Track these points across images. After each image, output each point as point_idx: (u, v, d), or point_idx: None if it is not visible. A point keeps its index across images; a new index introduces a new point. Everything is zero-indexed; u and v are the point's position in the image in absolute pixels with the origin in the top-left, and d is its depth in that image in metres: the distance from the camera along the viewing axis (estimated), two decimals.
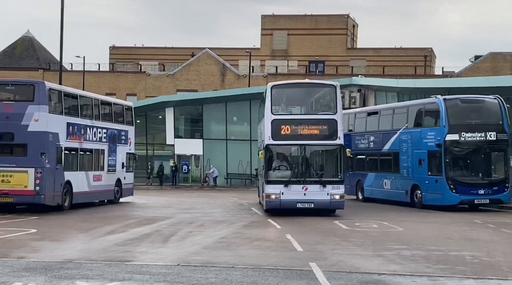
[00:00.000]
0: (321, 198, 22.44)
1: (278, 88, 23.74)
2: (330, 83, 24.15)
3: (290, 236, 17.16)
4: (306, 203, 22.63)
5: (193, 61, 64.79)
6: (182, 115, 50.59)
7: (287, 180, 22.69)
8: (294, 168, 23.06)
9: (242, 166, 48.18)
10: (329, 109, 23.38)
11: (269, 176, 22.92)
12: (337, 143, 22.68)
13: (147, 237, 16.99)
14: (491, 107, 26.77)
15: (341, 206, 22.87)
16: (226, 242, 15.96)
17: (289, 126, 22.97)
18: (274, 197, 22.61)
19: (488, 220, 22.39)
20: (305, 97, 24.86)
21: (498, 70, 59.81)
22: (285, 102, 24.31)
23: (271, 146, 22.97)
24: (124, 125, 31.06)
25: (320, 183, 22.53)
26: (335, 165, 22.99)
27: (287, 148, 23.56)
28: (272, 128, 22.81)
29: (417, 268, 12.43)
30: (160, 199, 33.40)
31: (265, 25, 75.25)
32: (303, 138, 22.81)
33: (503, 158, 26.71)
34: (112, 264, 12.41)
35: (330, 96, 23.44)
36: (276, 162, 23.36)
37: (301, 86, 25.47)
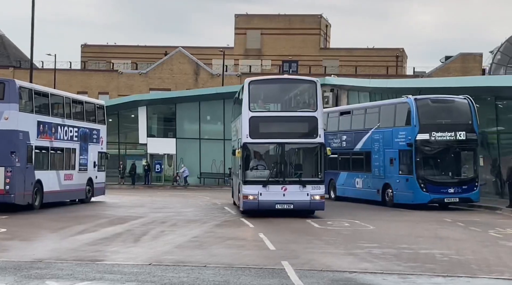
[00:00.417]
0: (301, 199, 21.76)
1: (256, 83, 23.00)
2: (310, 79, 23.42)
3: (262, 235, 17.17)
4: (285, 204, 21.88)
5: (166, 59, 64.55)
6: (155, 114, 50.34)
7: (265, 180, 21.92)
8: (273, 168, 22.24)
9: (216, 165, 48.11)
10: (309, 106, 22.69)
11: (246, 176, 22.13)
12: (318, 142, 22.01)
13: (119, 236, 16.90)
14: (461, 107, 27.04)
15: (321, 207, 22.18)
16: (198, 241, 15.93)
17: (268, 123, 22.32)
18: (252, 198, 21.86)
19: (457, 218, 22.60)
20: (284, 93, 24.11)
21: (468, 70, 60.51)
22: (263, 99, 23.46)
23: (248, 145, 22.13)
24: (95, 124, 30.84)
25: (300, 183, 21.83)
26: (315, 165, 22.32)
27: (266, 147, 23.07)
28: (250, 126, 22.04)
29: (387, 266, 12.52)
30: (132, 198, 33.24)
31: (239, 25, 75.27)
32: (282, 136, 22.14)
33: (472, 157, 26.98)
34: (83, 264, 12.32)
35: (310, 93, 22.83)
36: (254, 161, 22.63)
37: (280, 82, 24.86)
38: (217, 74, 62.43)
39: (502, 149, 31.69)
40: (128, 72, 65.33)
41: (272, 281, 10.77)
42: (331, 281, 10.85)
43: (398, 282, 11.02)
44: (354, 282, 10.90)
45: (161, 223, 20.29)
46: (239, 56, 72.73)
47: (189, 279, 10.84)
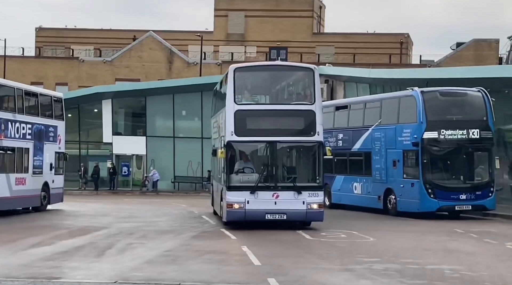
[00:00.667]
0: (296, 208, 21.04)
1: (242, 71, 22.33)
2: (306, 66, 22.85)
3: (246, 248, 17.20)
4: (277, 214, 21.16)
5: (134, 45, 64.42)
6: (122, 108, 50.24)
7: (253, 185, 21.18)
8: (263, 171, 21.55)
9: (192, 167, 48.09)
10: (305, 98, 22.02)
11: (231, 180, 21.42)
12: (316, 140, 21.38)
13: (79, 250, 16.85)
14: (474, 101, 27.17)
15: (320, 217, 21.45)
16: (172, 256, 15.93)
17: (256, 118, 21.73)
18: (238, 206, 21.05)
19: (470, 229, 22.71)
20: (276, 82, 23.41)
21: (482, 59, 60.87)
22: (251, 89, 22.88)
23: (233, 144, 21.47)
24: (52, 120, 30.73)
25: (294, 189, 21.14)
26: (313, 167, 21.77)
27: (254, 146, 22.48)
28: (236, 121, 21.31)
29: (390, 284, 12.57)
30: (95, 206, 33.15)
31: (219, 5, 75.21)
32: (274, 133, 21.48)
33: (487, 159, 27.12)
34: (37, 282, 12.29)
35: (307, 82, 22.15)
36: (240, 163, 22.01)
37: (271, 69, 24.02)
38: (194, 62, 62.40)
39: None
40: (90, 60, 65.13)
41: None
42: None
43: None
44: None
45: (128, 235, 20.23)
46: (219, 42, 72.69)
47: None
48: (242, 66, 23.27)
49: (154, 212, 29.59)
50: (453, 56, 63.66)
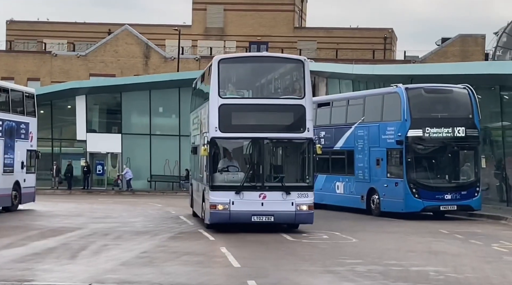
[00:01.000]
0: (284, 210, 20.43)
1: (227, 62, 21.63)
2: (296, 58, 22.30)
3: (225, 249, 17.21)
4: (264, 216, 20.48)
5: (110, 40, 64.10)
6: (96, 104, 49.99)
7: (239, 185, 20.58)
8: (249, 170, 20.95)
9: (169, 166, 47.96)
10: (294, 92, 21.44)
11: (214, 179, 20.72)
12: (305, 137, 20.79)
13: (52, 251, 16.79)
14: (460, 98, 27.33)
15: (310, 220, 20.93)
16: (148, 257, 15.91)
17: (242, 113, 21.11)
18: (222, 207, 20.37)
19: (455, 229, 22.85)
20: (263, 75, 22.68)
21: (468, 55, 61.16)
22: (236, 82, 22.21)
23: (218, 140, 20.77)
24: (24, 116, 30.55)
25: (283, 190, 20.55)
26: (303, 166, 21.32)
27: (240, 143, 21.81)
28: (220, 116, 20.63)
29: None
30: (69, 206, 32.99)
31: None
32: (261, 129, 20.85)
33: (473, 158, 27.28)
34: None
35: (297, 75, 21.61)
36: (224, 161, 21.31)
37: (258, 61, 23.38)
38: (172, 57, 62.21)
39: (508, 148, 32.10)
40: (63, 54, 64.72)
41: None
42: None
43: None
44: None
45: (103, 236, 20.18)
46: (197, 36, 72.53)
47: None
48: (227, 57, 22.60)
49: (130, 212, 29.51)
50: (438, 51, 63.88)
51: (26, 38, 71.20)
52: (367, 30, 73.38)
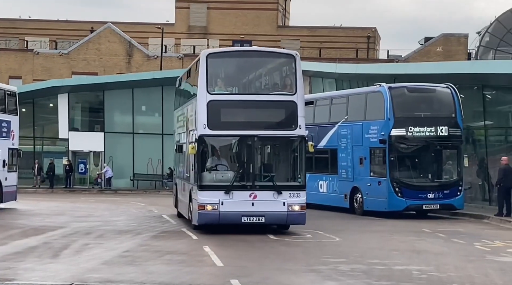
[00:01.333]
0: (275, 210, 19.76)
1: (216, 57, 20.90)
2: (287, 52, 21.48)
3: (208, 248, 17.19)
4: (255, 217, 19.78)
5: (92, 38, 63.89)
6: (79, 103, 49.78)
7: (228, 184, 19.83)
8: (239, 168, 20.30)
9: (152, 165, 47.83)
10: (285, 88, 20.72)
11: (203, 179, 20.00)
12: (297, 134, 20.09)
13: (34, 250, 16.70)
14: (443, 98, 27.43)
15: (302, 220, 20.28)
16: (130, 256, 15.86)
17: (232, 110, 20.42)
18: (211, 208, 19.64)
19: (438, 228, 22.94)
20: (253, 70, 21.86)
21: (451, 54, 61.46)
22: (225, 78, 21.40)
23: (206, 138, 20.05)
24: (5, 115, 30.36)
25: (274, 189, 19.82)
26: (294, 164, 20.57)
27: (229, 141, 21.00)
28: (209, 113, 19.90)
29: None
30: (51, 204, 32.84)
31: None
32: (251, 126, 20.11)
33: (456, 157, 27.41)
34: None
35: (288, 70, 20.84)
36: (213, 160, 20.54)
37: (247, 56, 22.39)
38: (155, 55, 62.10)
39: (490, 147, 32.26)
40: (45, 52, 64.42)
41: None
42: None
43: None
44: None
45: (85, 235, 20.10)
46: (181, 35, 72.41)
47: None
48: (216, 51, 21.83)
49: (112, 211, 29.41)
50: (421, 51, 64.14)
51: (8, 36, 70.80)
52: (351, 29, 73.53)
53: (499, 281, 13.43)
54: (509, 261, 16.19)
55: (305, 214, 20.26)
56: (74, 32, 70.71)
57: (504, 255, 17.13)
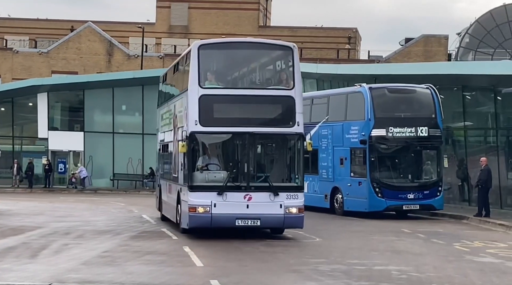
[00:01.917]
0: (271, 213, 18.36)
1: (208, 48, 19.42)
2: (285, 44, 19.70)
3: (188, 248, 17.17)
4: (250, 220, 18.34)
5: (72, 36, 63.58)
6: (59, 102, 49.52)
7: (221, 185, 18.38)
8: (232, 168, 18.89)
9: (132, 164, 47.67)
10: (282, 82, 19.37)
11: (194, 179, 18.56)
12: (295, 132, 18.74)
13: (12, 250, 16.60)
14: (423, 98, 27.54)
15: (300, 224, 18.89)
16: (110, 257, 15.80)
17: (225, 105, 19.05)
18: (202, 210, 18.21)
19: (417, 229, 23.02)
20: (248, 63, 20.47)
21: (431, 55, 61.70)
22: (218, 71, 19.91)
23: (198, 135, 18.62)
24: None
25: (270, 190, 18.44)
26: (292, 164, 19.21)
27: (222, 138, 19.43)
28: (201, 109, 18.48)
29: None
30: (29, 204, 32.66)
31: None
32: (246, 123, 18.69)
33: (435, 157, 27.51)
34: None
35: (285, 63, 19.61)
36: (205, 159, 19.14)
37: (242, 47, 20.74)
38: (135, 55, 61.90)
39: (470, 147, 32.44)
40: (25, 51, 64.02)
41: None
42: None
43: None
44: None
45: (64, 235, 19.99)
46: (161, 34, 72.23)
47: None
48: (208, 42, 20.17)
49: (92, 211, 29.28)
50: (401, 51, 64.34)
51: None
52: (332, 30, 73.69)
53: (478, 282, 13.50)
54: (488, 261, 16.27)
55: (303, 217, 18.87)
56: (54, 31, 70.38)
57: (483, 255, 17.22)
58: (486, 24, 60.51)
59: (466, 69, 32.76)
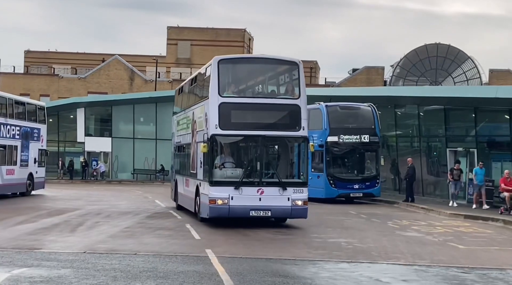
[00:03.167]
0: (280, 205, 16.70)
1: (226, 63, 17.63)
2: (292, 60, 17.78)
3: (189, 225, 17.07)
4: (262, 211, 16.65)
5: (103, 66, 63.30)
6: (93, 115, 49.30)
7: (238, 180, 16.57)
8: (247, 166, 17.02)
9: (148, 162, 47.57)
10: (290, 92, 17.56)
11: (214, 175, 16.75)
12: (301, 135, 17.03)
13: (56, 226, 16.47)
14: (365, 114, 27.64)
15: (304, 214, 17.13)
16: (130, 231, 15.69)
17: (242, 111, 17.15)
18: (221, 202, 16.47)
19: (361, 211, 23.07)
20: (260, 75, 18.64)
21: (372, 81, 61.92)
22: (235, 82, 18.18)
23: (218, 137, 16.78)
24: (36, 123, 29.97)
25: (280, 185, 16.71)
26: (298, 163, 17.70)
27: (238, 140, 17.65)
28: (220, 114, 16.68)
29: (300, 253, 12.63)
30: (70, 192, 32.44)
31: (171, 35, 74.54)
32: (259, 127, 16.91)
33: (375, 158, 27.63)
34: (22, 252, 11.93)
35: (292, 76, 17.80)
36: (224, 158, 17.45)
37: (255, 62, 18.91)
38: (150, 80, 61.68)
39: (399, 150, 32.59)
40: (68, 77, 63.66)
41: (197, 268, 10.69)
42: (250, 267, 10.86)
43: (308, 267, 11.13)
44: (270, 267, 10.94)
45: (96, 215, 19.86)
46: (170, 64, 72.05)
47: (121, 265, 10.63)
48: (226, 57, 18.22)
49: (117, 197, 29.11)
50: (350, 79, 64.51)
51: (39, 64, 69.90)
52: None
53: (405, 250, 13.53)
54: (413, 235, 16.32)
55: (307, 209, 17.12)
56: (89, 61, 70.06)
57: (409, 231, 17.27)
58: (412, 59, 60.78)
59: (397, 92, 32.94)
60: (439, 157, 29.57)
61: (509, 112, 24.18)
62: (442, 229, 17.64)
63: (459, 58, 59.89)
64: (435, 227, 18.28)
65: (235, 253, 12.33)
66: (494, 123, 26.29)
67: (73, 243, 13.39)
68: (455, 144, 27.82)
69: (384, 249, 13.62)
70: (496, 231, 17.75)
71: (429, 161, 30.30)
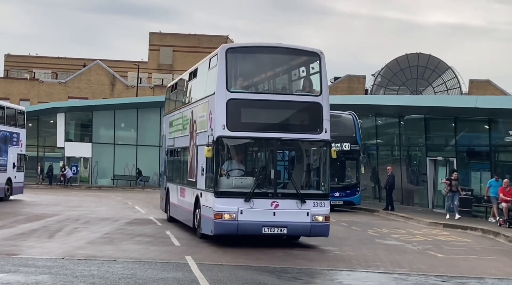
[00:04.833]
0: (298, 221, 13.95)
1: (236, 52, 14.84)
2: (312, 50, 14.92)
3: (169, 232, 16.99)
4: (276, 228, 13.91)
5: (84, 71, 62.96)
6: (73, 120, 48.96)
7: (248, 191, 13.85)
8: (259, 174, 14.21)
9: (128, 168, 47.35)
10: (310, 88, 14.86)
11: (220, 184, 13.96)
12: (322, 138, 14.40)
13: (35, 232, 16.30)
14: (346, 122, 27.74)
15: (326, 232, 14.43)
16: (109, 238, 15.56)
17: (253, 110, 14.48)
18: (228, 217, 13.75)
19: (341, 219, 23.11)
20: (276, 68, 15.75)
21: (353, 90, 62.31)
22: (245, 75, 15.34)
23: (225, 140, 14.03)
24: (16, 128, 29.67)
25: (298, 197, 14.00)
26: (318, 171, 14.76)
27: (250, 144, 14.92)
28: (228, 113, 13.93)
29: (280, 261, 12.60)
30: (49, 197, 32.11)
31: (153, 41, 74.39)
32: (274, 129, 14.22)
33: (355, 166, 27.72)
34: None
35: (313, 69, 14.98)
36: (232, 164, 14.52)
37: (270, 52, 15.37)
38: (132, 85, 61.44)
39: (380, 159, 32.76)
40: (48, 81, 63.22)
41: (176, 274, 10.63)
42: (230, 274, 10.83)
43: (289, 275, 11.12)
44: (250, 275, 10.91)
45: (75, 221, 19.68)
46: (152, 70, 71.86)
47: (100, 272, 10.54)
48: (236, 46, 15.63)
49: (96, 203, 28.89)
50: (331, 87, 64.77)
51: (20, 68, 69.40)
52: None
53: (384, 258, 13.58)
54: (393, 243, 16.39)
55: (329, 226, 14.48)
56: (70, 66, 69.68)
57: (389, 239, 17.35)
58: (393, 68, 61.29)
59: (378, 101, 33.13)
60: (419, 166, 29.78)
61: (489, 122, 24.45)
62: (421, 238, 17.73)
63: (440, 68, 60.50)
64: (414, 235, 18.37)
65: (215, 260, 12.28)
66: (473, 133, 26.56)
67: (51, 249, 13.25)
68: (435, 153, 28.04)
69: (364, 257, 13.64)
70: (475, 240, 17.90)
71: (409, 170, 30.49)
